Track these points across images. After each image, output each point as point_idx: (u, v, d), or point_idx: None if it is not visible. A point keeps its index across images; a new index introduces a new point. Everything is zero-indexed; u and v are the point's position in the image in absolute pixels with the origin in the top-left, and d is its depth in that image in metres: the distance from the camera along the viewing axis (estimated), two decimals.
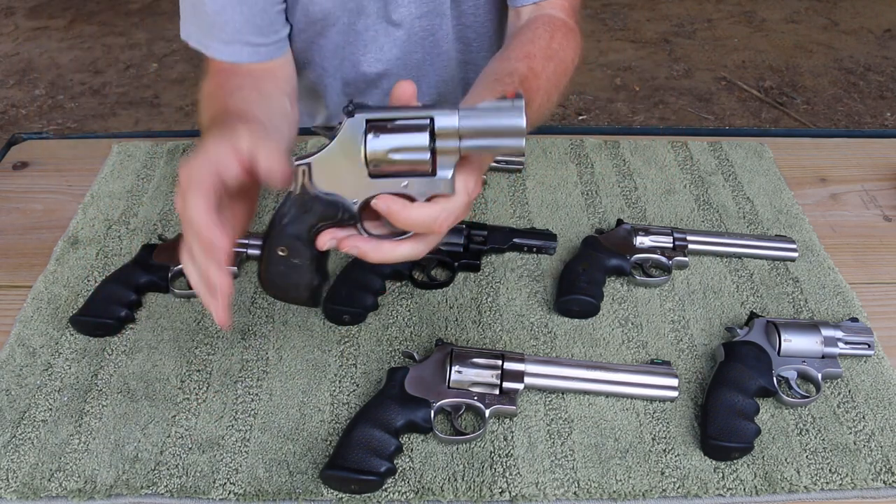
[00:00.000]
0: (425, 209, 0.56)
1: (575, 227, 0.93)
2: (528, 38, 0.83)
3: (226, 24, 0.85)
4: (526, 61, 0.78)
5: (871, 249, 0.91)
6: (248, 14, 0.86)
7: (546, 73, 0.79)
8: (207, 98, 0.83)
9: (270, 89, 0.86)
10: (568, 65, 0.85)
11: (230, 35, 0.86)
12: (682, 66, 3.16)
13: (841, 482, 0.66)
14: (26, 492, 0.65)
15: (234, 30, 0.85)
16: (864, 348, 0.75)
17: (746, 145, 1.07)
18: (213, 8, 0.84)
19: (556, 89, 0.82)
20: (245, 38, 0.87)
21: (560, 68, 0.83)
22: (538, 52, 0.81)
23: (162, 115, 2.93)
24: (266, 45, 0.89)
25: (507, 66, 0.77)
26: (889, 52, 3.21)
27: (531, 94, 0.75)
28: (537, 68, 0.78)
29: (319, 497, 0.65)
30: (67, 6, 3.70)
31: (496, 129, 0.53)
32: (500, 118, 0.53)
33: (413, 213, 0.55)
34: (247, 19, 0.86)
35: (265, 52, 0.89)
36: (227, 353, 0.77)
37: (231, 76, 0.85)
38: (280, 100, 0.86)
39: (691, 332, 0.80)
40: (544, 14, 0.89)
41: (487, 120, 0.53)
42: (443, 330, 0.79)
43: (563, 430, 0.70)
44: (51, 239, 0.91)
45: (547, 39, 0.83)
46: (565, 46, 0.85)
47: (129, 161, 1.03)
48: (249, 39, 0.87)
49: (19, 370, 0.75)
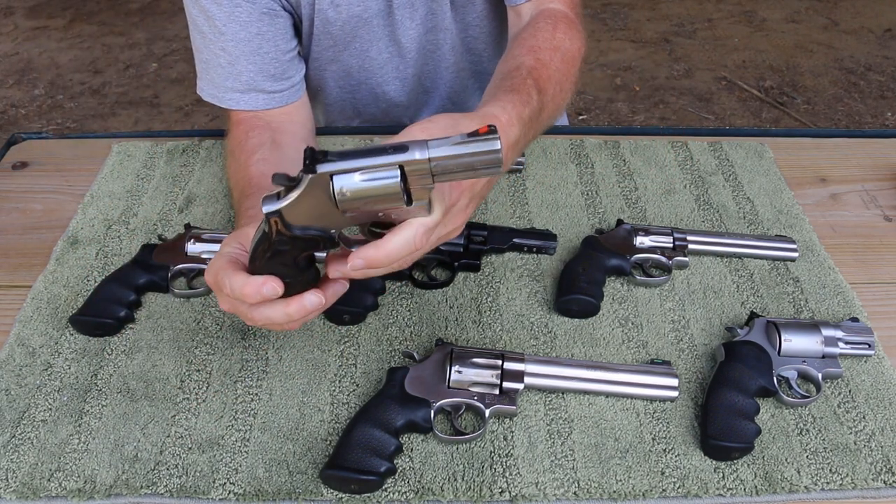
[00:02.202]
0: (399, 237, 0.53)
1: (575, 227, 0.93)
2: (530, 33, 0.83)
3: (240, 74, 0.87)
4: (532, 54, 0.78)
5: (872, 249, 0.91)
6: (261, 63, 0.88)
7: (555, 64, 0.78)
8: (231, 156, 0.87)
9: (288, 140, 0.87)
10: (575, 55, 0.84)
11: (245, 84, 0.88)
12: (682, 65, 3.16)
13: (841, 482, 0.66)
14: (26, 492, 0.65)
15: (248, 80, 0.88)
16: (865, 348, 0.75)
17: (747, 145, 1.07)
18: (227, 59, 0.87)
19: (568, 80, 0.81)
20: (260, 87, 0.88)
21: (567, 57, 0.81)
22: (543, 44, 0.80)
23: (161, 114, 2.93)
24: (281, 91, 0.90)
25: (514, 62, 0.76)
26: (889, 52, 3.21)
27: (542, 84, 0.74)
28: (545, 59, 0.77)
29: (319, 497, 0.65)
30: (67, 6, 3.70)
31: (471, 161, 0.49)
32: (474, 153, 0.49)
33: (389, 248, 0.53)
34: (260, 69, 0.88)
35: (280, 97, 0.90)
36: (227, 352, 0.77)
37: (249, 131, 0.87)
38: (298, 149, 0.87)
39: (691, 332, 0.80)
40: (545, 9, 0.89)
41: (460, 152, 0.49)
42: (443, 330, 0.79)
43: (563, 430, 0.70)
44: (50, 239, 0.91)
45: (550, 31, 0.83)
46: (570, 37, 0.85)
47: (129, 161, 1.03)
48: (264, 87, 0.89)
49: (19, 370, 0.75)
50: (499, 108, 0.65)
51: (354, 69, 1.03)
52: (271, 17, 0.88)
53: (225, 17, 0.84)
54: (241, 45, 0.86)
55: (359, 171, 0.49)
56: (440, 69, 1.05)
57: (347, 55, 1.00)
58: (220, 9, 0.84)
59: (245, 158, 0.83)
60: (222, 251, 0.62)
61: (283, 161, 0.83)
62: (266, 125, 0.88)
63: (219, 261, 0.60)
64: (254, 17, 0.85)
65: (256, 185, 0.78)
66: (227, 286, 0.58)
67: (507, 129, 0.64)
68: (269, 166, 0.81)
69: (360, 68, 1.02)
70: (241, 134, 0.87)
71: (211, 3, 0.84)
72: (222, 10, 0.84)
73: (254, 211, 0.73)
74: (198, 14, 0.86)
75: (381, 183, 0.49)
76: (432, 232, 0.55)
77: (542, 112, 0.72)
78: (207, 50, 0.88)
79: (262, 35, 0.87)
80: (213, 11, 0.84)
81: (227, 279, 0.58)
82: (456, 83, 1.08)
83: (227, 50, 0.86)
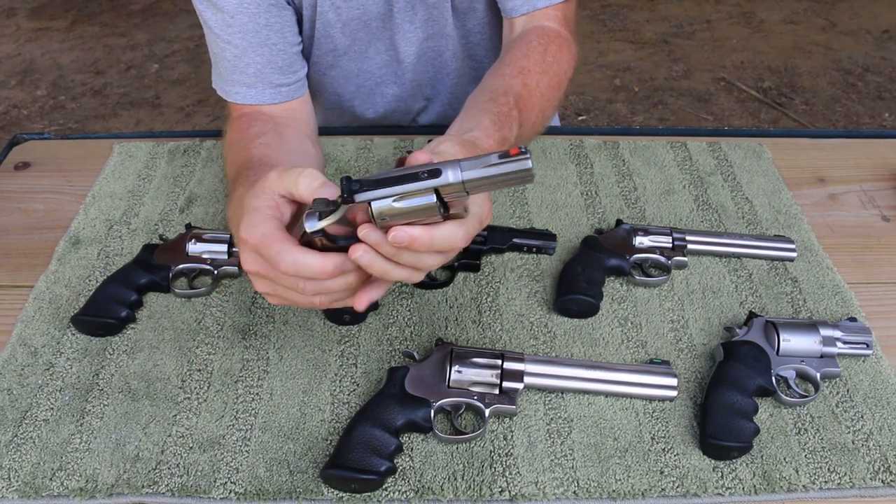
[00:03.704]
0: (446, 229, 0.53)
1: (575, 227, 0.93)
2: (522, 52, 0.84)
3: (247, 66, 0.87)
4: (520, 77, 0.80)
5: (870, 249, 0.91)
6: (269, 55, 0.87)
7: (540, 89, 0.81)
8: (230, 146, 0.85)
9: (291, 133, 0.87)
10: (562, 77, 0.86)
11: (252, 78, 0.87)
12: (681, 66, 3.16)
13: (839, 481, 0.66)
14: (28, 491, 0.65)
15: (255, 72, 0.87)
16: (863, 348, 0.75)
17: (745, 146, 1.07)
18: (234, 52, 0.86)
19: (551, 104, 0.84)
20: (267, 80, 0.88)
21: (554, 81, 0.84)
22: (532, 67, 0.82)
23: (163, 115, 2.93)
24: (287, 84, 0.90)
25: (503, 83, 0.78)
26: (887, 53, 3.22)
27: (525, 113, 0.77)
28: (531, 84, 0.80)
29: (320, 496, 0.65)
30: (69, 7, 3.70)
31: (504, 179, 0.51)
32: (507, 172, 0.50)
33: (435, 234, 0.52)
34: (268, 61, 0.87)
35: (286, 91, 0.90)
36: (228, 352, 0.77)
37: (252, 122, 0.86)
38: (301, 142, 0.87)
39: (690, 332, 0.80)
40: (538, 26, 0.89)
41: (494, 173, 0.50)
42: (443, 330, 0.79)
43: (562, 430, 0.70)
44: (52, 239, 0.91)
45: (541, 53, 0.84)
46: (559, 59, 0.86)
47: (131, 161, 1.04)
48: (272, 80, 0.88)
49: (21, 370, 0.75)
50: (488, 143, 0.67)
51: (353, 73, 1.03)
52: (279, 8, 0.87)
53: (234, 8, 0.84)
54: (249, 37, 0.85)
55: (395, 196, 0.50)
56: (441, 75, 1.06)
57: (347, 59, 1.00)
58: (229, 1, 0.83)
59: (246, 143, 0.81)
60: (256, 206, 0.56)
61: (286, 150, 0.82)
62: (269, 118, 0.88)
63: (264, 222, 0.55)
64: (262, 7, 0.85)
65: (257, 165, 0.74)
66: (286, 261, 0.53)
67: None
68: (272, 150, 0.79)
69: (359, 71, 1.03)
70: (244, 125, 0.86)
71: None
72: (231, 2, 0.83)
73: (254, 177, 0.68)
74: (205, 8, 0.85)
75: (418, 203, 0.51)
76: (469, 234, 0.55)
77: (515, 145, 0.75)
78: (215, 44, 0.87)
79: (271, 26, 0.86)
80: (221, 3, 0.83)
81: (288, 255, 0.53)
82: (457, 88, 1.08)
83: (233, 43, 0.85)
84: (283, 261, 0.54)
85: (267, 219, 0.55)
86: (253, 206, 0.56)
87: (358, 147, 1.06)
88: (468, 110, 0.75)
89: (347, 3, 0.93)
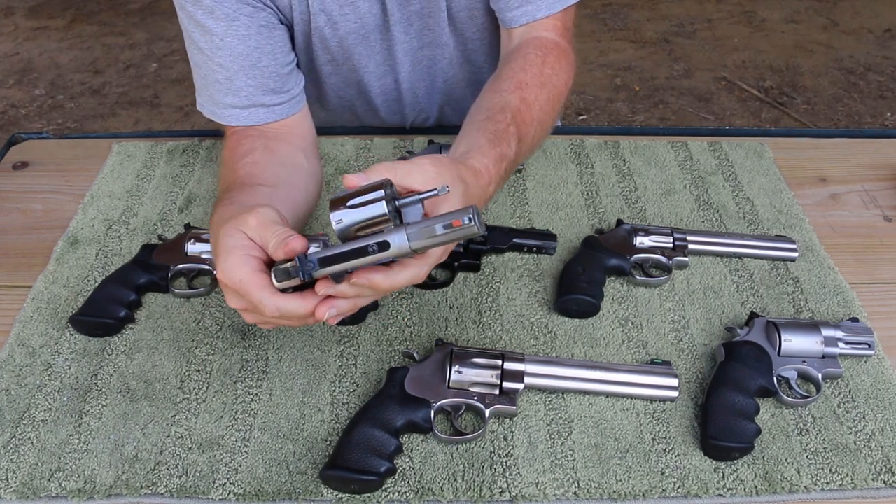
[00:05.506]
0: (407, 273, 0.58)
1: (575, 227, 0.93)
2: (519, 65, 0.83)
3: (239, 90, 0.86)
4: (518, 92, 0.79)
5: (871, 249, 0.91)
6: (260, 78, 0.86)
7: (539, 102, 0.81)
8: (222, 165, 0.86)
9: (284, 148, 0.86)
10: (561, 89, 0.86)
11: (244, 100, 0.86)
12: (682, 65, 3.16)
13: (841, 482, 0.66)
14: (26, 492, 0.65)
15: (247, 94, 0.86)
16: (865, 348, 0.75)
17: (746, 145, 1.07)
18: (225, 75, 0.85)
19: (550, 116, 0.84)
20: (260, 101, 0.87)
21: (553, 94, 0.84)
22: (531, 81, 0.81)
23: (162, 114, 2.93)
24: (280, 104, 0.89)
25: (500, 99, 0.78)
26: (889, 52, 3.21)
27: (524, 128, 0.77)
28: (530, 98, 0.80)
29: (319, 497, 0.65)
30: (67, 6, 3.70)
31: (450, 241, 0.55)
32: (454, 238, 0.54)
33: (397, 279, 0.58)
34: (259, 83, 0.86)
35: (280, 110, 0.89)
36: (227, 353, 0.77)
37: (242, 139, 0.86)
38: (293, 156, 0.87)
39: (691, 332, 0.80)
40: (536, 37, 0.88)
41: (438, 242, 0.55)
42: (443, 330, 0.79)
43: (563, 430, 0.70)
44: (51, 239, 0.91)
45: (539, 66, 0.83)
46: (558, 71, 0.85)
47: (129, 161, 1.03)
48: (264, 101, 0.87)
49: (19, 370, 0.75)
50: (481, 162, 0.69)
51: (352, 82, 1.03)
52: (270, 29, 0.86)
53: (223, 31, 0.82)
54: (239, 60, 0.84)
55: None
56: (437, 83, 1.05)
57: (346, 69, 1.00)
58: (218, 23, 0.82)
59: (234, 163, 0.82)
60: (232, 247, 0.60)
61: (274, 166, 0.82)
62: (260, 133, 0.87)
63: (241, 267, 0.59)
64: (252, 30, 0.84)
65: (240, 185, 0.77)
66: (269, 308, 0.58)
67: (487, 187, 0.69)
68: (258, 168, 0.80)
69: (359, 82, 1.02)
70: (234, 143, 0.86)
71: (209, 17, 0.82)
72: (220, 25, 0.82)
73: (236, 199, 0.73)
74: (194, 29, 0.84)
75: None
76: (430, 266, 0.60)
77: (517, 160, 0.77)
78: (205, 66, 0.86)
79: (262, 48, 0.85)
80: (210, 26, 0.82)
81: (266, 301, 0.58)
82: (455, 93, 1.08)
83: (224, 66, 0.84)
84: (266, 308, 0.58)
85: (243, 261, 0.59)
86: (227, 247, 0.60)
87: (357, 147, 1.06)
88: (465, 130, 0.75)
89: (344, 17, 0.91)
